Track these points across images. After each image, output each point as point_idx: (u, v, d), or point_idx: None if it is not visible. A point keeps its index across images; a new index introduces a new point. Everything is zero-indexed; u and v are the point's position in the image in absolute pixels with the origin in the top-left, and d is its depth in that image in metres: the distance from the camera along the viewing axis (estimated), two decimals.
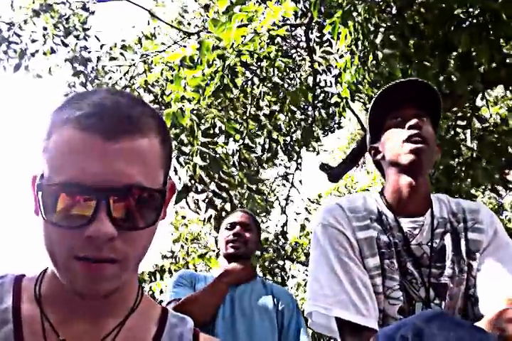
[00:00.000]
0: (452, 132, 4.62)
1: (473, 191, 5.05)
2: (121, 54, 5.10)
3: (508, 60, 3.29)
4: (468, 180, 4.68)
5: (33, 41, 5.45)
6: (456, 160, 4.69)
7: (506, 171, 5.16)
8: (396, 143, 1.31)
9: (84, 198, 0.60)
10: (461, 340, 0.82)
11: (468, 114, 4.39)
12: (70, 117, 0.63)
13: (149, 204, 0.64)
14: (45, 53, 5.30)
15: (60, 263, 0.63)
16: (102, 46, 5.32)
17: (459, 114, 4.42)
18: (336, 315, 1.19)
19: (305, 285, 8.22)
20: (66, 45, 5.31)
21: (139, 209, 0.63)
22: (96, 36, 5.32)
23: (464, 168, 4.65)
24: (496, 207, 7.93)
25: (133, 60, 5.05)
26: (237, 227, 2.16)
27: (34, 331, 0.67)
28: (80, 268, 0.61)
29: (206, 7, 4.85)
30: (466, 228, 1.31)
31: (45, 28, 5.40)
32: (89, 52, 5.42)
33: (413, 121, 1.28)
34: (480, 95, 4.07)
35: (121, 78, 5.08)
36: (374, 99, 1.40)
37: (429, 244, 1.28)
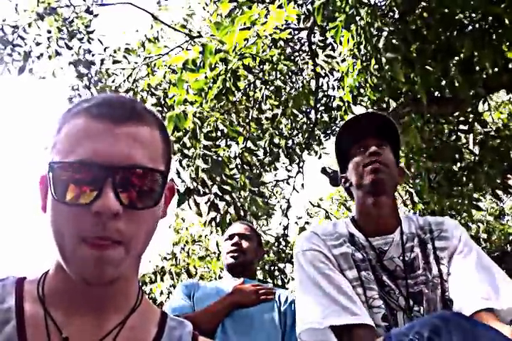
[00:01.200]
0: (454, 136, 4.63)
1: (475, 195, 5.05)
2: (125, 57, 5.12)
3: (510, 65, 3.29)
4: (470, 184, 4.68)
5: (38, 44, 5.47)
6: (458, 164, 4.70)
7: (508, 176, 5.16)
8: (359, 169, 1.47)
9: (92, 176, 0.64)
10: (477, 339, 0.83)
11: (471, 119, 4.40)
12: (80, 109, 0.70)
13: (151, 184, 0.69)
14: (50, 56, 5.32)
15: (68, 248, 0.65)
16: (105, 49, 5.34)
17: (461, 119, 4.43)
18: (330, 323, 1.24)
19: None
20: (70, 48, 5.33)
21: (141, 188, 0.67)
22: (99, 39, 5.34)
23: (465, 173, 4.66)
24: (498, 211, 7.93)
25: (136, 62, 5.07)
26: (236, 238, 2.24)
27: (37, 329, 0.67)
28: (87, 252, 0.64)
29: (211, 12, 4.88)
30: (433, 237, 1.44)
31: (49, 31, 5.42)
32: (92, 55, 5.45)
33: (372, 149, 1.45)
34: (482, 100, 4.07)
35: (124, 81, 5.10)
36: (338, 132, 1.58)
37: (401, 257, 1.39)
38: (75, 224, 0.65)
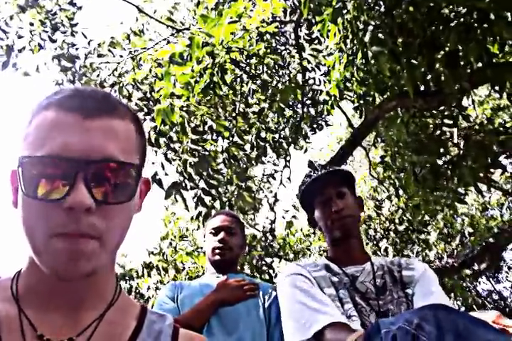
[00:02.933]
0: (439, 131, 4.67)
1: (459, 189, 5.10)
2: (110, 51, 5.06)
3: (494, 60, 3.32)
4: (455, 178, 4.73)
5: (20, 37, 5.38)
6: (443, 158, 4.74)
7: (491, 170, 5.22)
8: (327, 224, 1.69)
9: (63, 170, 0.63)
10: (464, 325, 0.85)
11: (455, 113, 4.44)
12: (52, 101, 0.68)
13: (125, 178, 0.67)
14: (32, 50, 5.23)
15: (40, 243, 0.64)
16: (89, 42, 5.27)
17: (446, 113, 4.47)
18: (314, 331, 1.36)
19: None
20: (53, 41, 5.25)
21: (115, 183, 0.66)
22: (83, 33, 5.26)
23: (450, 167, 4.70)
24: (482, 205, 8.02)
25: (121, 56, 5.02)
26: (222, 233, 2.18)
27: (11, 328, 0.66)
28: (59, 245, 0.62)
29: (197, 4, 4.83)
30: (401, 269, 1.66)
31: (31, 24, 5.33)
32: (76, 49, 5.37)
33: (334, 208, 1.66)
34: (466, 94, 4.11)
35: (109, 75, 5.05)
36: (301, 188, 1.79)
37: (371, 282, 1.59)
38: (47, 220, 0.63)
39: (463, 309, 8.04)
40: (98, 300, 0.73)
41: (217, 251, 2.14)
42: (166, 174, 4.02)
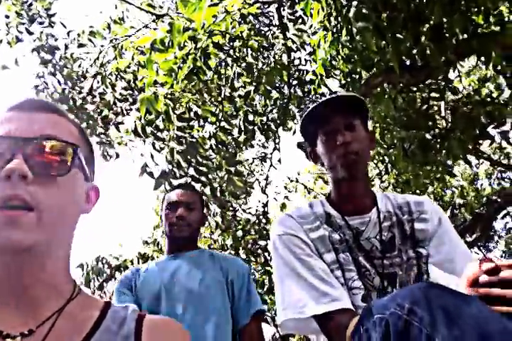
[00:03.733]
0: (426, 105, 4.68)
1: (448, 162, 5.14)
2: (90, 40, 4.96)
3: (479, 30, 3.31)
4: (444, 151, 4.75)
5: None
6: (432, 132, 4.76)
7: (480, 141, 5.26)
8: (332, 159, 1.43)
9: (6, 148, 0.70)
10: (456, 307, 0.84)
11: (442, 86, 4.44)
12: (9, 107, 0.78)
13: (61, 153, 0.74)
14: (9, 43, 5.12)
15: None
16: (69, 33, 5.16)
17: (433, 87, 4.47)
18: (312, 313, 1.25)
19: None
20: (31, 33, 5.13)
21: (51, 157, 0.73)
22: (62, 23, 5.15)
23: (438, 140, 4.72)
24: (471, 176, 8.11)
25: (102, 46, 4.92)
26: (180, 209, 2.09)
27: None
28: None
29: None
30: (412, 219, 1.44)
31: (7, 16, 5.20)
32: (56, 39, 5.25)
33: (340, 140, 1.40)
34: (452, 67, 4.11)
35: (91, 65, 4.96)
36: (305, 114, 1.50)
37: (378, 237, 1.39)
38: None
39: None
40: (55, 297, 0.74)
41: (174, 227, 2.07)
42: (157, 164, 3.99)
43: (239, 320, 1.97)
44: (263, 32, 4.79)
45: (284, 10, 4.39)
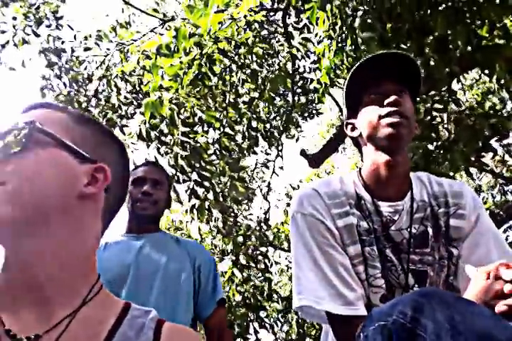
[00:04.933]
0: (429, 116, 4.67)
1: (451, 173, 5.12)
2: (96, 43, 5.00)
3: (483, 43, 3.32)
4: (446, 162, 4.74)
5: (3, 32, 5.30)
6: (434, 143, 4.75)
7: (482, 154, 5.24)
8: (374, 119, 1.26)
9: None
10: (460, 315, 0.81)
11: (445, 98, 4.44)
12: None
13: (18, 134, 0.73)
14: (16, 45, 5.15)
15: None
16: (75, 36, 5.20)
17: (436, 98, 4.47)
18: (326, 309, 1.18)
19: (287, 270, 8.28)
20: (38, 36, 5.17)
21: (8, 138, 0.73)
22: (69, 25, 5.18)
23: (441, 151, 4.71)
24: (473, 189, 8.07)
25: (108, 49, 4.96)
26: (147, 186, 1.94)
27: None
28: None
29: None
30: (448, 213, 1.29)
31: (14, 18, 5.25)
32: (62, 42, 5.29)
33: (392, 98, 1.24)
34: (456, 79, 4.11)
35: (97, 68, 4.99)
36: (351, 72, 1.32)
37: (409, 229, 1.25)
38: None
39: None
40: (71, 296, 0.72)
41: (138, 204, 1.92)
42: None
43: (205, 307, 1.90)
44: (268, 39, 4.81)
45: (289, 18, 4.41)
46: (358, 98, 1.33)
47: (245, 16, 3.64)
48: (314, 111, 5.33)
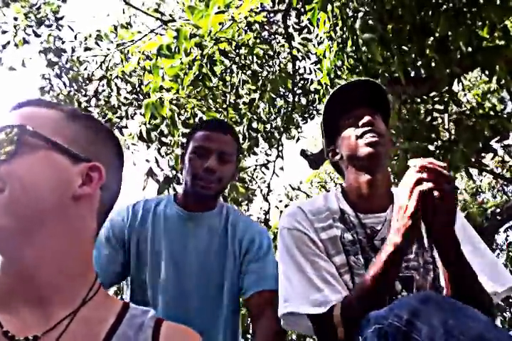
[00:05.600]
0: (430, 117, 4.68)
1: (451, 174, 5.13)
2: (97, 44, 4.99)
3: (484, 44, 3.32)
4: (446, 163, 4.74)
5: (4, 32, 5.30)
6: (435, 144, 4.75)
7: (482, 154, 5.24)
8: (351, 140, 1.35)
9: None
10: (455, 319, 0.82)
11: (446, 99, 4.44)
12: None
13: (9, 139, 0.71)
14: (16, 45, 5.15)
15: None
16: (76, 36, 5.20)
17: (437, 99, 4.47)
18: (307, 312, 1.21)
19: None
20: (38, 36, 5.18)
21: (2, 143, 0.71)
22: (69, 26, 5.19)
23: (442, 152, 4.71)
24: (474, 189, 8.09)
25: (109, 49, 4.96)
26: (212, 159, 1.60)
27: None
28: None
29: None
30: None
31: (15, 19, 5.25)
32: (63, 42, 5.29)
33: (366, 119, 1.33)
34: (456, 80, 4.11)
35: (97, 68, 4.99)
36: (326, 101, 1.43)
37: None
38: None
39: None
40: (71, 297, 0.72)
41: (200, 182, 1.59)
42: (162, 169, 3.99)
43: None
44: (269, 40, 4.82)
45: (290, 19, 4.42)
46: (334, 125, 1.42)
47: (246, 17, 3.64)
48: (315, 112, 5.33)
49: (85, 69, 5.22)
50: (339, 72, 3.61)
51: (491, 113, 4.48)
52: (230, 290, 1.60)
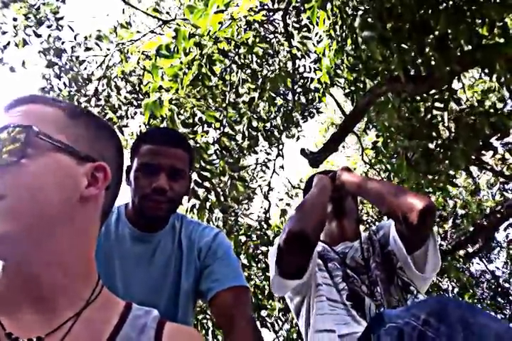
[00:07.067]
0: (430, 115, 4.67)
1: (451, 172, 5.13)
2: (97, 44, 4.99)
3: (483, 42, 3.32)
4: (446, 161, 4.74)
5: (4, 33, 5.30)
6: (435, 142, 4.75)
7: (482, 152, 5.24)
8: None
9: None
10: (473, 318, 0.83)
11: (446, 97, 4.44)
12: None
13: (14, 140, 0.68)
14: (17, 45, 5.15)
15: None
16: (75, 36, 5.20)
17: (437, 97, 4.47)
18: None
19: None
20: (38, 36, 5.17)
21: (5, 145, 0.68)
22: (69, 26, 5.18)
23: (441, 150, 4.72)
24: (473, 187, 8.08)
25: (108, 49, 4.95)
26: (162, 176, 1.41)
27: None
28: None
29: None
30: (376, 233, 1.74)
31: (15, 19, 5.24)
32: (62, 42, 5.28)
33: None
34: (456, 78, 4.11)
35: (97, 68, 4.99)
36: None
37: (360, 256, 1.65)
38: None
39: (457, 290, 8.14)
40: (72, 299, 0.71)
41: (149, 203, 1.43)
42: None
43: None
44: (268, 39, 4.81)
45: (289, 18, 4.41)
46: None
47: (245, 16, 3.64)
48: (314, 111, 5.34)
49: (85, 69, 5.21)
50: (339, 71, 3.61)
51: (491, 111, 4.48)
52: (184, 310, 1.51)
